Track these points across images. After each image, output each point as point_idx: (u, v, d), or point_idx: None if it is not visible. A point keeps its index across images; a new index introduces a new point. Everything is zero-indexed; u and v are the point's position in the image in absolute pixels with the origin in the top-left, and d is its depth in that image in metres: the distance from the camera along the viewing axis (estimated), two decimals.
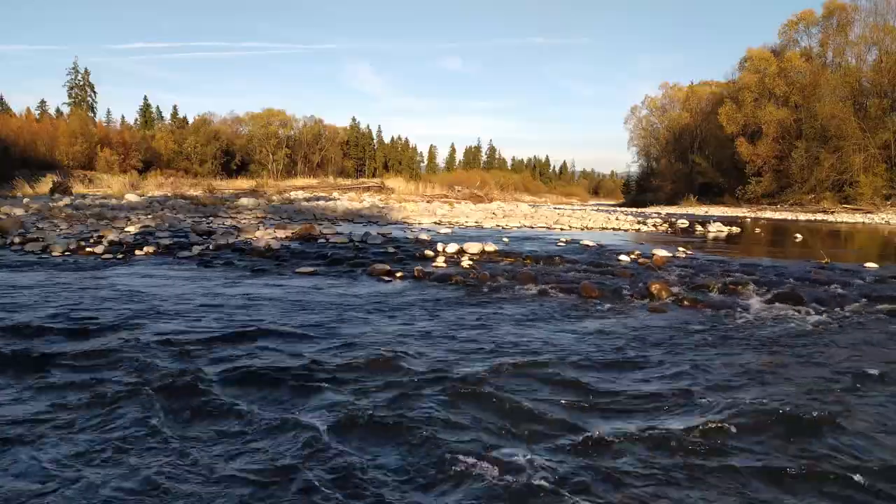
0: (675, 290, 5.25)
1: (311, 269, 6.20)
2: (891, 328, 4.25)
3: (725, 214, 33.40)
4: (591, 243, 9.78)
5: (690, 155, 55.88)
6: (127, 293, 4.61)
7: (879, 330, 4.19)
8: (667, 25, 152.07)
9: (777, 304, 4.84)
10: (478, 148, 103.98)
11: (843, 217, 31.41)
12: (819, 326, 4.20)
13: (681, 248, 9.12)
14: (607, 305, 4.82)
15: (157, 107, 73.36)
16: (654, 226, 17.43)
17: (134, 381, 2.62)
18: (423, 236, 10.10)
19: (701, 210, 40.05)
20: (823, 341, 3.80)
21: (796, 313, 4.56)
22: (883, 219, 29.18)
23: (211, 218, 12.93)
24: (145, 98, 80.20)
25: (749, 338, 3.83)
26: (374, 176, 65.09)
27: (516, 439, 2.18)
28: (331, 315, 4.12)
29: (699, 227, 17.27)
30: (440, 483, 1.86)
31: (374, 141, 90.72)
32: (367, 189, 31.55)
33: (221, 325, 3.65)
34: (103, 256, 6.77)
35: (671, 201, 50.53)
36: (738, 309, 4.72)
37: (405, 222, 14.58)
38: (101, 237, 8.03)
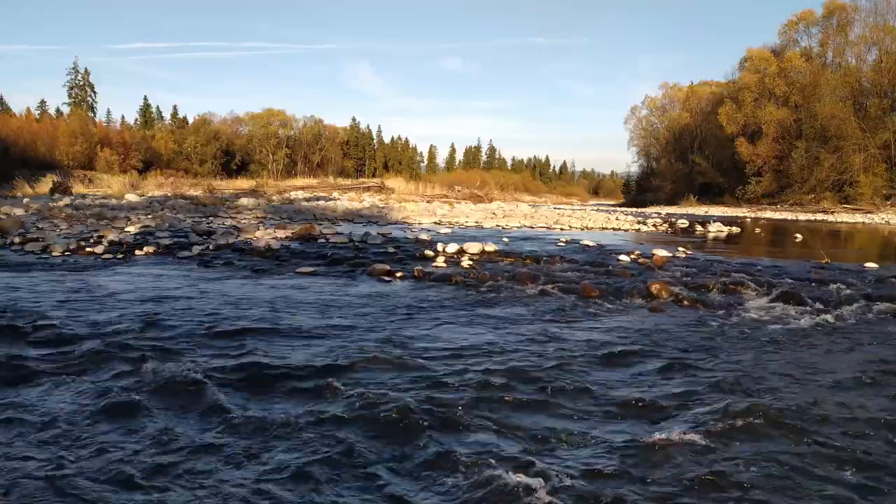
0: (675, 289, 5.25)
1: (311, 269, 6.20)
2: (891, 328, 4.26)
3: (725, 214, 33.40)
4: (591, 243, 9.78)
5: (690, 155, 55.88)
6: (126, 293, 4.61)
7: (879, 330, 4.19)
8: (667, 25, 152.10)
9: (777, 304, 4.84)
10: (478, 148, 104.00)
11: (843, 217, 31.41)
12: (819, 326, 4.20)
13: (681, 248, 9.12)
14: (607, 305, 4.82)
15: (157, 107, 73.42)
16: (654, 226, 17.44)
17: (131, 380, 2.62)
18: (423, 236, 10.10)
19: (701, 210, 40.04)
20: (823, 341, 3.80)
21: (796, 313, 4.56)
22: (883, 219, 29.18)
23: (211, 218, 12.93)
24: (145, 98, 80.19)
25: (749, 338, 3.83)
26: (374, 176, 65.10)
27: (515, 440, 2.18)
28: (330, 315, 4.12)
29: (699, 227, 17.27)
30: (438, 483, 1.86)
31: (374, 141, 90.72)
32: (367, 189, 31.54)
33: (221, 325, 3.65)
34: (103, 256, 6.77)
35: (671, 201, 50.52)
36: (738, 309, 4.72)
37: (405, 222, 14.58)
38: (101, 237, 8.04)
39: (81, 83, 60.51)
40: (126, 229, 9.37)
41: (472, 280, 5.68)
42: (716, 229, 16.43)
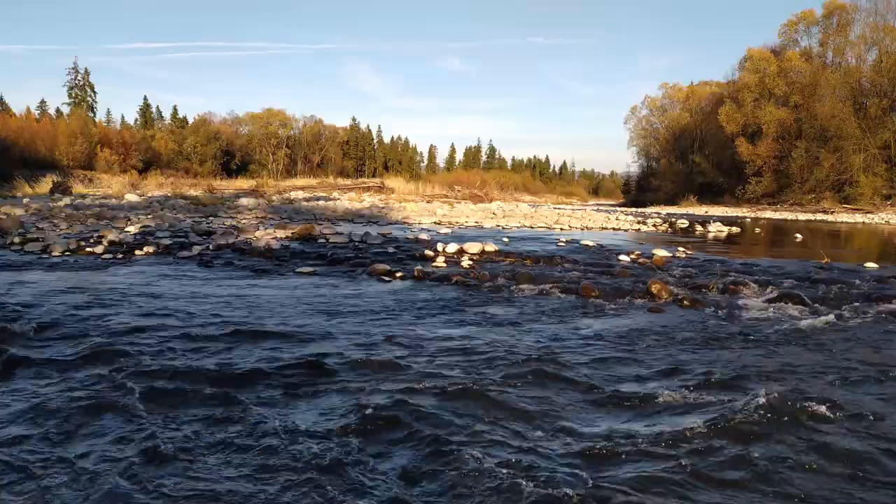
0: (674, 290, 5.25)
1: (310, 269, 6.20)
2: (891, 328, 4.26)
3: (725, 214, 33.40)
4: (591, 243, 9.78)
5: (690, 155, 55.86)
6: (126, 293, 4.61)
7: (879, 330, 4.19)
8: (667, 25, 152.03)
9: (777, 305, 4.84)
10: (478, 148, 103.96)
11: (843, 217, 31.41)
12: (818, 326, 4.19)
13: (681, 248, 9.12)
14: (607, 305, 4.82)
15: (157, 107, 73.35)
16: (654, 226, 17.43)
17: (130, 380, 2.62)
18: (423, 236, 10.10)
19: (701, 210, 40.02)
20: (823, 341, 3.80)
21: (796, 313, 4.56)
22: (883, 219, 29.17)
23: (211, 218, 12.93)
24: (145, 98, 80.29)
25: (748, 338, 3.83)
26: (374, 176, 65.04)
27: (514, 438, 2.18)
28: (330, 315, 4.12)
29: (699, 227, 17.27)
30: (438, 481, 1.86)
31: (374, 141, 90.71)
32: (367, 189, 31.53)
33: (220, 325, 3.65)
34: (103, 256, 6.77)
35: (671, 201, 50.49)
36: (738, 309, 4.72)
37: (405, 222, 14.57)
38: (101, 237, 8.04)
39: (81, 83, 60.43)
40: (126, 229, 9.37)
41: (472, 280, 5.68)
42: (716, 229, 16.43)
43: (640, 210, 38.72)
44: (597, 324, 4.16)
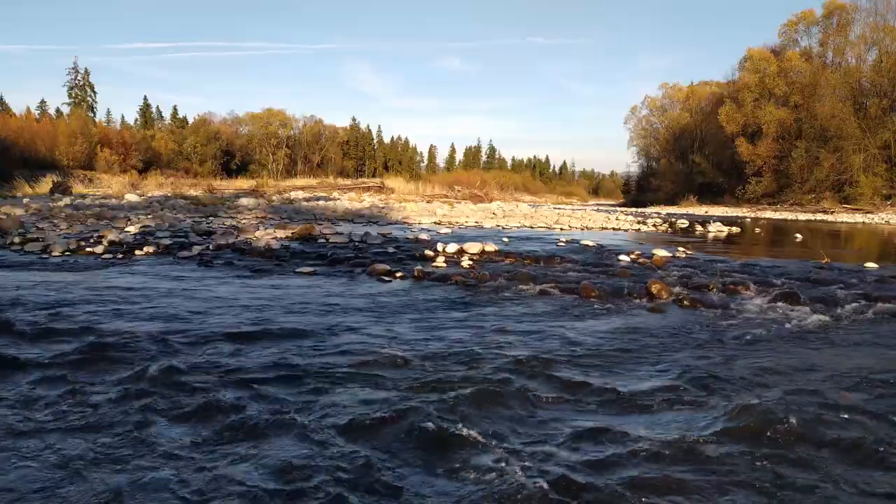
0: (675, 290, 5.25)
1: (310, 269, 6.20)
2: (891, 328, 4.26)
3: (725, 214, 33.40)
4: (591, 243, 9.78)
5: (690, 155, 55.89)
6: (126, 293, 4.61)
7: (879, 330, 4.19)
8: (667, 25, 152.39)
9: (777, 304, 4.84)
10: (478, 148, 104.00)
11: (843, 217, 31.42)
12: (819, 327, 4.20)
13: (681, 248, 9.12)
14: (607, 305, 4.82)
15: (157, 107, 73.50)
16: (653, 226, 17.43)
17: (130, 381, 2.62)
18: (423, 236, 10.10)
19: (701, 210, 40.04)
20: (823, 341, 3.80)
21: (796, 313, 4.56)
22: (883, 219, 29.18)
23: (211, 218, 12.93)
24: (145, 98, 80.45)
25: (748, 338, 3.83)
26: (374, 176, 65.07)
27: (513, 438, 2.18)
28: (330, 315, 4.12)
29: (699, 227, 17.27)
30: (439, 480, 1.86)
31: (374, 141, 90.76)
32: (367, 189, 31.54)
33: (220, 326, 3.65)
34: (103, 256, 6.77)
35: (671, 201, 50.50)
36: (738, 309, 4.72)
37: (405, 222, 14.57)
38: (101, 237, 8.04)
39: (81, 83, 60.49)
40: (126, 229, 9.37)
41: (471, 280, 5.68)
42: (716, 229, 16.43)
43: (640, 210, 38.74)
44: (597, 324, 4.16)
